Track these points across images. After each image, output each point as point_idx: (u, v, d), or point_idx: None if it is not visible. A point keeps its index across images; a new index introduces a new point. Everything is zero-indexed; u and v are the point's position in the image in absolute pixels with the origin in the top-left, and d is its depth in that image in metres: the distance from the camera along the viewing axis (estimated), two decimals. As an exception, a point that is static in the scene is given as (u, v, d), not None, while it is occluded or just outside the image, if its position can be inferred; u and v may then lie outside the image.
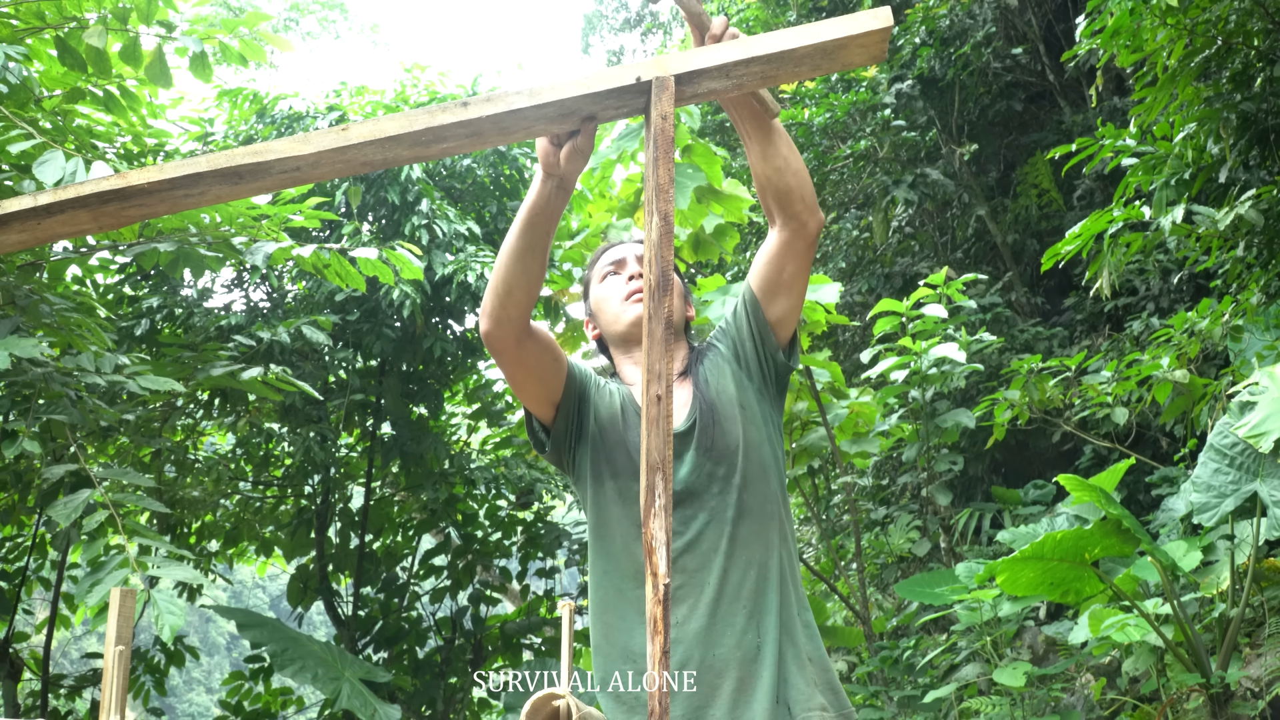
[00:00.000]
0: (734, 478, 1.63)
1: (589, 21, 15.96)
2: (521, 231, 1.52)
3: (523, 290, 1.55)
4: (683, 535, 1.59)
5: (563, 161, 1.42)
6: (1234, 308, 4.51)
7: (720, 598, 1.56)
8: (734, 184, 4.67)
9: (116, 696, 2.37)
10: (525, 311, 1.57)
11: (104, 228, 1.04)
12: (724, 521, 1.60)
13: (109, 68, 3.76)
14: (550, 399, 1.70)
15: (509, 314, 1.56)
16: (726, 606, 1.55)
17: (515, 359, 1.63)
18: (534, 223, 1.50)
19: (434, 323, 6.64)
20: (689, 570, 1.57)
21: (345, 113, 6.21)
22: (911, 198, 7.47)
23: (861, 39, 1.13)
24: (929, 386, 4.89)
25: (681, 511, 1.60)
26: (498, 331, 1.58)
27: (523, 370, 1.65)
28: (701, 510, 1.61)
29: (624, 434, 1.68)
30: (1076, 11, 7.30)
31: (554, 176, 1.45)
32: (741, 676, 1.52)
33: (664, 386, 1.20)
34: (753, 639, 1.54)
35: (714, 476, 1.63)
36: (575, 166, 1.42)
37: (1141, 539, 3.26)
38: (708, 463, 1.63)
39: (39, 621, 6.54)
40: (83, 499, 3.39)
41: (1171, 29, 4.37)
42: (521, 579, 7.96)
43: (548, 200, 1.48)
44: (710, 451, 1.63)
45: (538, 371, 1.66)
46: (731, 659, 1.53)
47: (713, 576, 1.57)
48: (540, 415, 1.73)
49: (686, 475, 1.62)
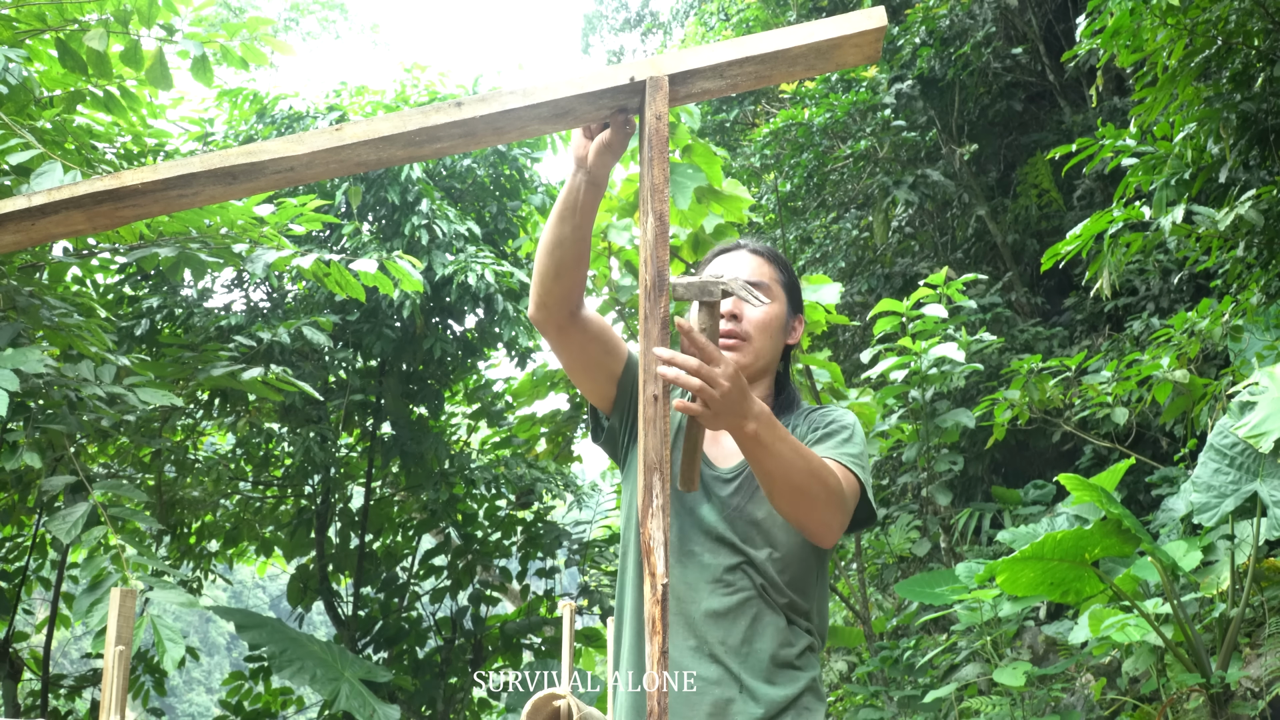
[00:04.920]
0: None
1: (589, 21, 15.96)
2: (554, 224, 1.49)
3: (557, 280, 1.52)
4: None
5: (590, 155, 1.39)
6: (1234, 308, 4.50)
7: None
8: (734, 184, 4.67)
9: (116, 696, 2.37)
10: (566, 300, 1.54)
11: (99, 228, 1.04)
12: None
13: (109, 69, 3.76)
14: (603, 393, 1.67)
15: (548, 301, 1.54)
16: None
17: (560, 345, 1.61)
18: (565, 215, 1.47)
19: (434, 323, 6.64)
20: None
21: (345, 113, 6.21)
22: (911, 198, 7.46)
23: (855, 39, 1.13)
24: (929, 386, 4.89)
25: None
26: (540, 315, 1.56)
27: (569, 356, 1.63)
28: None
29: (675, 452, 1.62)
30: (1076, 11, 7.30)
31: (583, 169, 1.43)
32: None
33: (660, 387, 1.20)
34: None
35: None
36: (604, 161, 1.39)
37: (1142, 539, 3.25)
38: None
39: (39, 621, 6.55)
40: (82, 512, 3.39)
41: (1171, 29, 4.37)
42: (521, 579, 7.96)
43: (577, 193, 1.45)
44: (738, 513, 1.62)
45: (583, 360, 1.63)
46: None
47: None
48: (599, 406, 1.70)
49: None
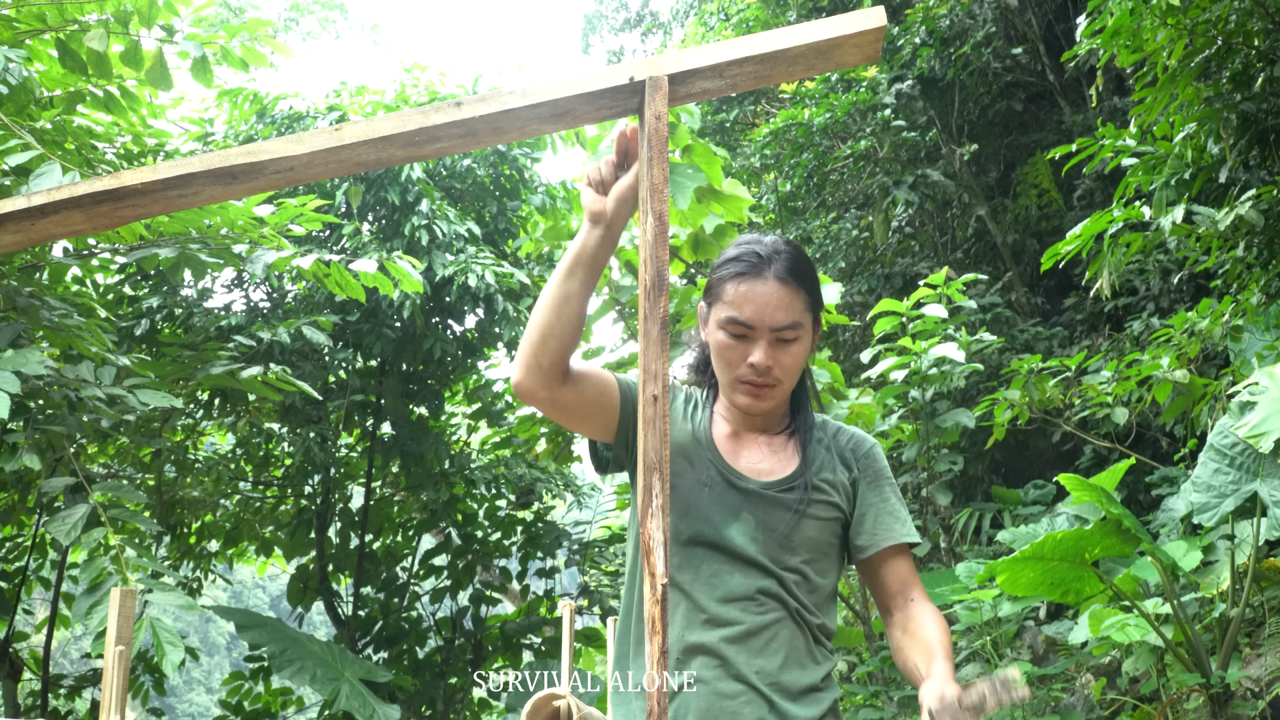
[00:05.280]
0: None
1: (589, 21, 15.96)
2: (562, 279, 1.43)
3: (558, 339, 1.45)
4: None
5: (610, 207, 1.35)
6: (1234, 308, 4.50)
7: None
8: (734, 184, 4.67)
9: (116, 696, 2.37)
10: (559, 361, 1.47)
11: (98, 228, 1.04)
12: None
13: (109, 70, 3.77)
14: (605, 427, 1.61)
15: (541, 363, 1.46)
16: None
17: (551, 408, 1.53)
18: (574, 270, 1.42)
19: (434, 323, 6.64)
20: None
21: (345, 113, 6.21)
22: (911, 198, 7.46)
23: (855, 39, 1.13)
24: (929, 386, 4.89)
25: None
26: (528, 382, 1.48)
27: (567, 415, 1.56)
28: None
29: (683, 471, 1.58)
30: (1076, 11, 7.30)
31: (601, 223, 1.39)
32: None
33: (660, 387, 1.20)
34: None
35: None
36: (625, 212, 1.35)
37: (1142, 539, 3.25)
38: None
39: (39, 621, 6.55)
40: (81, 513, 3.39)
41: (1171, 29, 4.37)
42: (521, 579, 7.96)
43: (594, 249, 1.41)
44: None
45: (580, 414, 1.56)
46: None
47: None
48: (601, 438, 1.64)
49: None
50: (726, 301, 1.55)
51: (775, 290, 1.53)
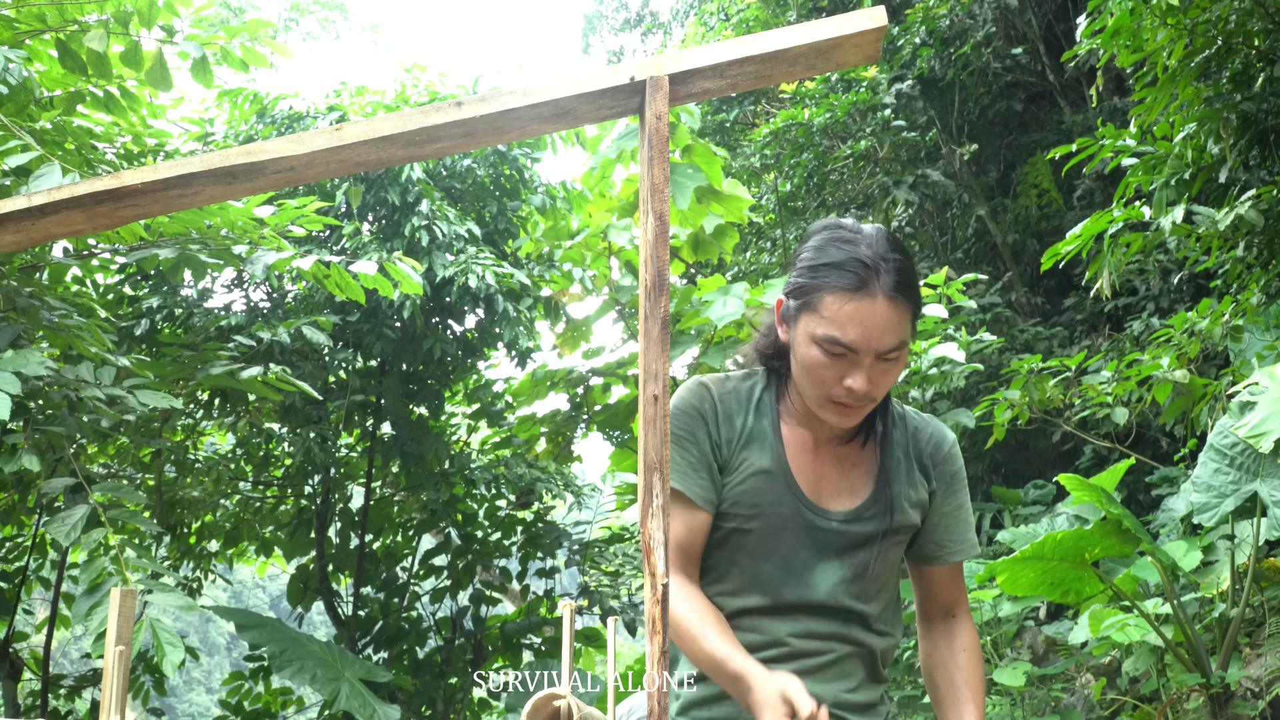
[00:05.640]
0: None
1: (589, 21, 15.96)
2: (706, 667, 1.41)
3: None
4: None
5: None
6: (1234, 308, 4.50)
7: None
8: (734, 184, 4.67)
9: (116, 696, 2.37)
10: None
11: (99, 228, 1.04)
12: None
13: (109, 70, 3.76)
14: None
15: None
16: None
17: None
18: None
19: (434, 323, 6.64)
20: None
21: (345, 113, 6.21)
22: (911, 198, 7.46)
23: (856, 38, 1.13)
24: (929, 386, 4.89)
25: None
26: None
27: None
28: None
29: (761, 492, 1.50)
30: (1076, 11, 7.30)
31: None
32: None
33: (660, 386, 1.20)
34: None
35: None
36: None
37: (1142, 539, 3.25)
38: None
39: (39, 621, 6.55)
40: (81, 514, 3.39)
41: (1171, 29, 4.37)
42: (521, 579, 7.96)
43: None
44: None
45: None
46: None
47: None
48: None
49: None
50: (826, 318, 1.37)
51: (884, 310, 1.36)
